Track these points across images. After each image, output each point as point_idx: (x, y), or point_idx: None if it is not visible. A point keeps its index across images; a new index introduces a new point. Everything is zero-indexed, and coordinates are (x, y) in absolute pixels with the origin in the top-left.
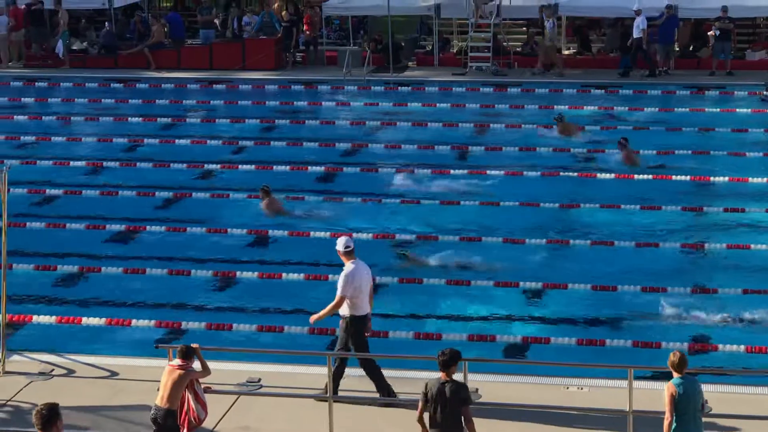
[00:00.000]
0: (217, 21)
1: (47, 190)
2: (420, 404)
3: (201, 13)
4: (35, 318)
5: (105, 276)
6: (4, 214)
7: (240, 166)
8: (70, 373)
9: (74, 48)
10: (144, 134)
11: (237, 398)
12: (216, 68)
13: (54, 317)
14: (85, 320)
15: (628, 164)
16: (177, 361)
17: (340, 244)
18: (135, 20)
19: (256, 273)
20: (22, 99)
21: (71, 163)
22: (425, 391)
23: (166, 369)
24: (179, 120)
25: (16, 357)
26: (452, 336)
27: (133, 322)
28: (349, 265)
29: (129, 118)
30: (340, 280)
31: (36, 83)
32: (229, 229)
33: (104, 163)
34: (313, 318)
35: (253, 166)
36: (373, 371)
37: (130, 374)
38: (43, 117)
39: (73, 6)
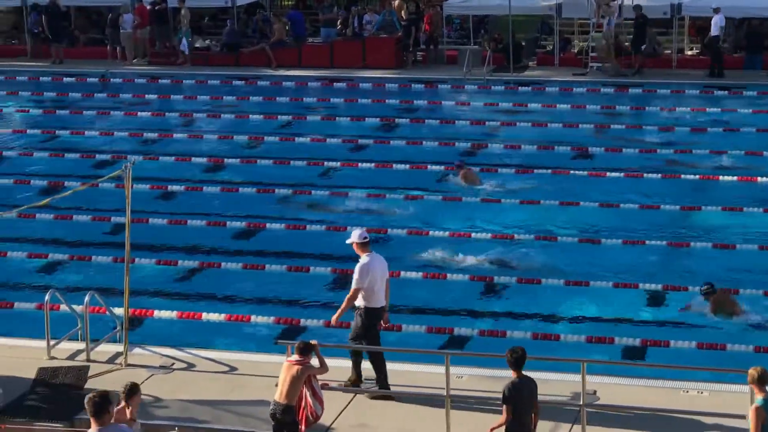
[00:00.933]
0: (338, 19)
1: (169, 187)
2: (506, 411)
3: (322, 11)
4: (156, 312)
5: (225, 272)
6: (128, 210)
7: (359, 164)
8: (190, 367)
9: (197, 45)
10: (264, 132)
11: (354, 396)
12: (336, 66)
13: (175, 312)
14: (205, 315)
15: None
16: (295, 357)
17: (357, 235)
18: (257, 18)
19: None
20: (146, 96)
21: (192, 159)
22: (509, 396)
23: (284, 365)
24: (299, 118)
25: (138, 350)
26: (570, 337)
27: (252, 318)
28: (364, 258)
29: (250, 116)
30: (356, 272)
31: (159, 80)
32: (348, 227)
33: (225, 160)
34: (333, 318)
35: (372, 165)
36: (380, 366)
37: (249, 369)
38: (166, 114)
39: (196, 4)
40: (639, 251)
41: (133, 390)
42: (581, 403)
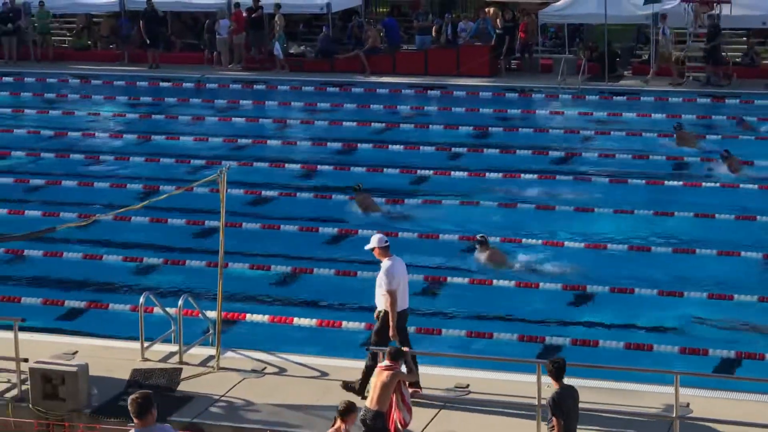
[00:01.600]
0: (433, 27)
1: (263, 192)
2: (557, 423)
3: (417, 18)
4: (249, 316)
5: (317, 277)
6: (222, 214)
7: (453, 173)
8: (281, 371)
9: (291, 51)
10: (358, 139)
11: (444, 403)
12: (431, 74)
13: (267, 316)
14: (296, 320)
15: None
16: (385, 363)
17: (378, 240)
18: (352, 25)
19: (466, 279)
20: (241, 101)
21: (286, 165)
22: (555, 407)
23: (374, 371)
24: (393, 125)
25: (230, 354)
26: (663, 347)
27: (344, 323)
28: (386, 262)
29: (343, 123)
30: (384, 276)
31: (254, 86)
32: (440, 235)
33: (318, 167)
34: (390, 333)
35: (465, 173)
36: (413, 368)
37: (340, 375)
38: (260, 119)
39: (291, 11)
40: (734, 262)
41: (350, 409)
42: (674, 415)
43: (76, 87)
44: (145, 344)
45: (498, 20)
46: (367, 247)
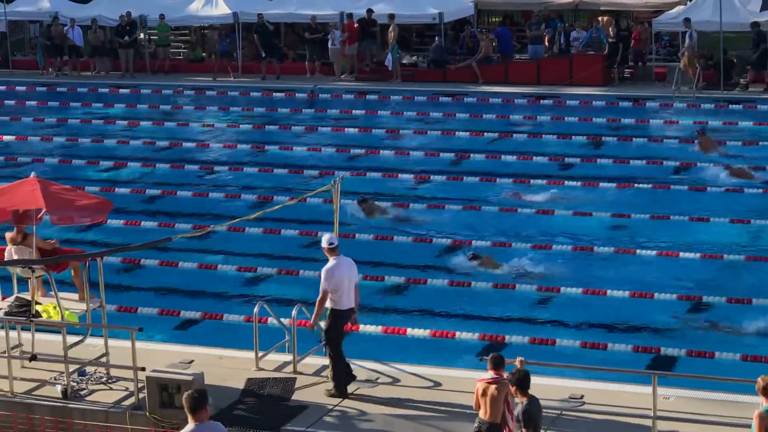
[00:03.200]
0: (545, 36)
1: (376, 202)
2: None
3: (530, 28)
4: (362, 327)
5: (430, 287)
6: (336, 224)
7: (566, 182)
8: (394, 381)
9: (404, 61)
10: (471, 149)
11: (559, 414)
12: (543, 83)
13: (380, 327)
14: (410, 331)
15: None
16: (490, 375)
17: (325, 241)
18: (464, 34)
19: (580, 289)
20: (353, 111)
21: (399, 175)
22: (528, 418)
23: (482, 381)
24: (506, 135)
25: None
26: None
27: (457, 334)
28: (330, 261)
29: (456, 132)
30: (322, 275)
31: (366, 96)
32: (553, 246)
33: (431, 177)
34: (309, 323)
35: (579, 183)
36: (335, 366)
37: (453, 385)
38: (373, 129)
39: (404, 21)
40: None
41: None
42: None
43: (191, 98)
44: (260, 354)
45: (611, 29)
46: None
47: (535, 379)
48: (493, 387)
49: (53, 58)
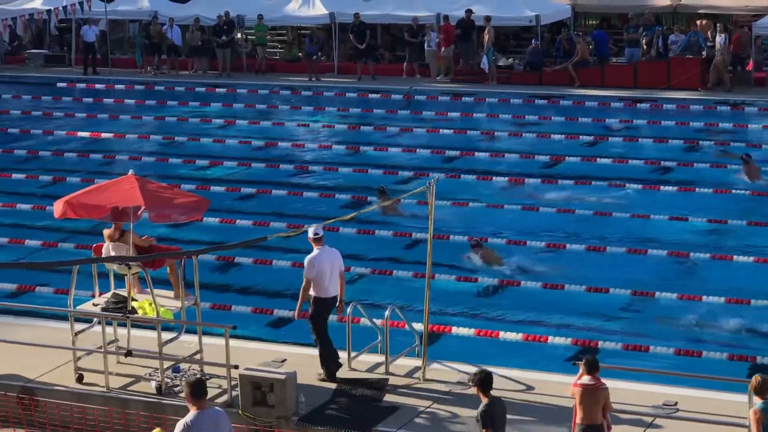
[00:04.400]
0: (642, 39)
1: (470, 204)
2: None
3: (627, 31)
4: (455, 329)
5: (524, 290)
6: (431, 226)
7: (661, 188)
8: None
9: (500, 64)
10: (566, 152)
11: (652, 420)
12: (640, 87)
13: (473, 329)
14: (502, 334)
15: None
16: (586, 380)
17: (311, 231)
18: (561, 37)
19: (675, 294)
20: (449, 113)
21: (494, 178)
22: (485, 419)
23: (578, 386)
24: (601, 138)
25: (436, 365)
26: None
27: (550, 338)
28: (314, 251)
29: (551, 135)
30: (305, 264)
31: (462, 98)
32: (649, 250)
33: (526, 180)
34: (294, 313)
35: (675, 188)
36: (324, 356)
37: (545, 389)
38: (468, 131)
39: (500, 23)
40: None
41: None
42: None
43: (287, 98)
44: (352, 354)
45: (710, 32)
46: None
47: (628, 385)
48: (592, 393)
49: (151, 57)
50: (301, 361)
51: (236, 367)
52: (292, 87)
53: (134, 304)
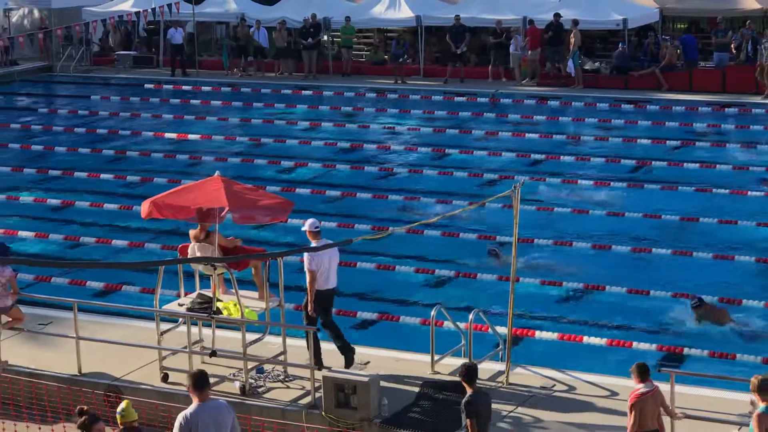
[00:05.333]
0: (732, 43)
1: (555, 208)
2: (471, 425)
3: (716, 35)
4: (538, 333)
5: (608, 294)
6: (515, 229)
7: (749, 193)
8: (570, 389)
9: (586, 68)
10: (652, 156)
11: (739, 429)
12: (729, 92)
13: (556, 333)
14: (586, 339)
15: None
16: (642, 388)
17: (308, 224)
18: (648, 41)
19: (762, 302)
20: (534, 117)
21: (579, 182)
22: (469, 409)
23: (638, 395)
24: (688, 143)
25: (519, 370)
26: None
27: (635, 344)
28: (312, 244)
29: (638, 140)
30: (305, 258)
31: (548, 101)
32: (736, 256)
33: (611, 183)
34: (309, 309)
35: (763, 193)
36: (338, 338)
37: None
38: (554, 135)
39: (587, 26)
40: None
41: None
42: None
43: (372, 100)
44: (435, 357)
45: None
46: (302, 228)
47: (714, 392)
48: (651, 401)
49: (238, 58)
50: (385, 364)
51: (320, 368)
52: (377, 89)
53: (219, 304)
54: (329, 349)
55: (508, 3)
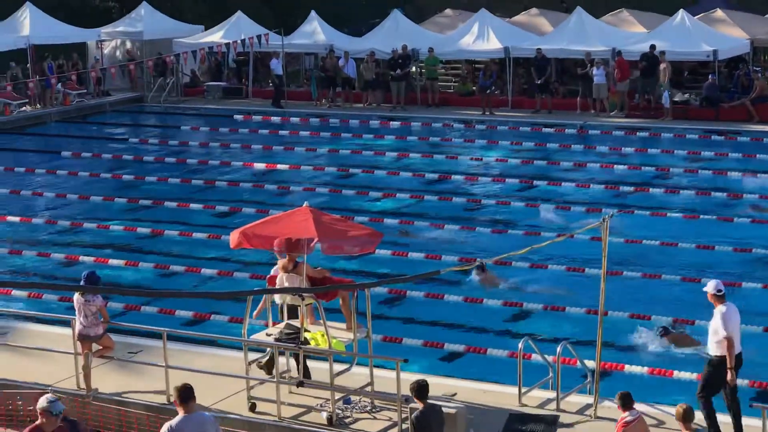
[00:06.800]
0: None
1: (643, 240)
2: None
3: None
4: (627, 367)
5: (697, 329)
6: (604, 262)
7: None
8: (659, 423)
9: (676, 99)
10: (743, 189)
11: None
12: None
13: (646, 367)
14: (676, 373)
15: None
16: (626, 415)
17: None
18: (739, 73)
19: None
20: (623, 148)
21: (668, 214)
22: (418, 425)
23: (624, 425)
24: None
25: (607, 403)
26: None
27: None
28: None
29: (728, 172)
30: None
31: (637, 133)
32: None
33: (701, 216)
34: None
35: None
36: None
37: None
38: (643, 167)
39: (677, 58)
40: None
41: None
42: None
43: (461, 131)
44: (523, 389)
45: None
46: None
47: None
48: (636, 425)
49: (327, 89)
50: (472, 396)
51: (407, 400)
52: (465, 120)
53: (307, 335)
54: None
55: (597, 34)
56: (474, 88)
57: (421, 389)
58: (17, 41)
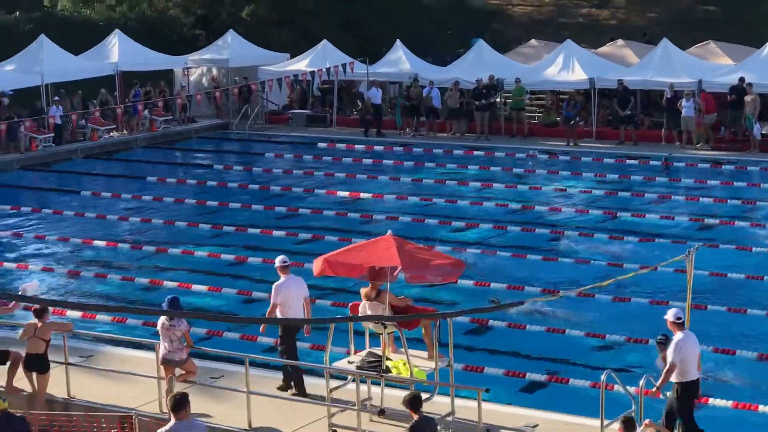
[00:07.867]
0: None
1: (728, 274)
2: None
3: None
4: (711, 401)
5: None
6: (689, 296)
7: None
8: None
9: (763, 132)
10: None
11: None
12: None
13: (731, 401)
14: (761, 408)
15: None
16: None
17: (278, 261)
18: None
19: None
20: (708, 181)
21: (753, 248)
22: None
23: None
24: None
25: None
26: None
27: None
28: (281, 279)
29: None
30: (272, 291)
31: (722, 166)
32: None
33: None
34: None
35: None
36: (296, 376)
37: None
38: (728, 200)
39: (763, 90)
40: None
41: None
42: None
43: (544, 162)
44: (605, 422)
45: None
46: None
47: None
48: None
49: (411, 118)
50: (553, 427)
51: (489, 430)
52: (549, 151)
53: (389, 363)
54: (487, 409)
55: (683, 66)
56: (558, 118)
57: (414, 400)
58: (106, 68)
